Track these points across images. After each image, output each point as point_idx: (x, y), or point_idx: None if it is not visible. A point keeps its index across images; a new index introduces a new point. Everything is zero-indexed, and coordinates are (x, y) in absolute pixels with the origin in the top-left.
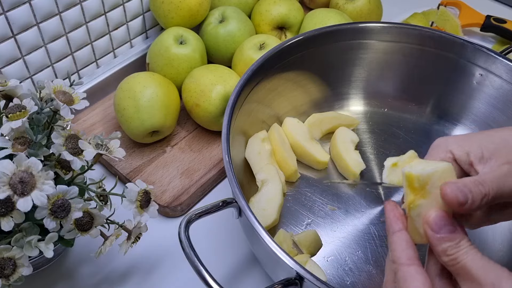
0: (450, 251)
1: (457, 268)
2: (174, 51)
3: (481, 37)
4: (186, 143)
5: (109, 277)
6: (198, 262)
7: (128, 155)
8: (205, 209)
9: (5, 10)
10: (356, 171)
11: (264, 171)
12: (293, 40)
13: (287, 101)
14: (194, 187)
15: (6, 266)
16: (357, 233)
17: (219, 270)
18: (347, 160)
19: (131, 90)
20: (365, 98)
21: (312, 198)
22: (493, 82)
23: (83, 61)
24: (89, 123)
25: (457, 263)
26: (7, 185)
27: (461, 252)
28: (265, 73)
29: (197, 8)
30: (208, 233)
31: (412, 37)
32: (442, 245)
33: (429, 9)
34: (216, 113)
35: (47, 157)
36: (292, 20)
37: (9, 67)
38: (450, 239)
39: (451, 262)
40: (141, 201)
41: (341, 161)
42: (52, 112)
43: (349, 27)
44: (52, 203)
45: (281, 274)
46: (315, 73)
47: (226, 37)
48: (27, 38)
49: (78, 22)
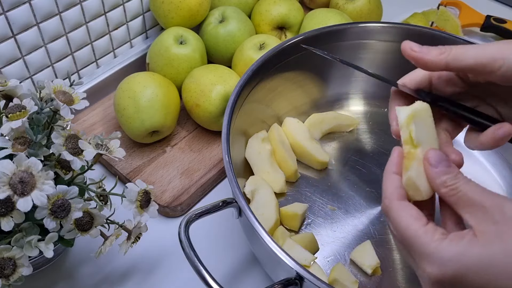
0: (449, 182)
1: (457, 197)
2: (174, 51)
3: (481, 37)
4: (186, 143)
5: (109, 277)
6: (198, 262)
7: (128, 155)
8: (205, 209)
9: (5, 10)
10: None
11: (249, 183)
12: (293, 40)
13: (287, 101)
14: (194, 187)
15: (6, 266)
16: (357, 233)
17: (219, 270)
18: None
19: (131, 90)
20: (365, 98)
21: (312, 198)
22: None
23: (83, 61)
24: (89, 123)
25: (458, 192)
26: (7, 185)
27: (460, 182)
28: (265, 73)
29: (197, 8)
30: (208, 233)
31: (412, 37)
32: (441, 177)
33: (429, 9)
34: (216, 113)
35: (47, 157)
36: (292, 20)
37: (9, 67)
38: (448, 172)
39: (451, 192)
40: (141, 201)
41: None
42: (52, 112)
43: (349, 27)
44: (52, 203)
45: (281, 274)
46: (315, 73)
47: (226, 37)
48: (27, 38)
49: (78, 22)
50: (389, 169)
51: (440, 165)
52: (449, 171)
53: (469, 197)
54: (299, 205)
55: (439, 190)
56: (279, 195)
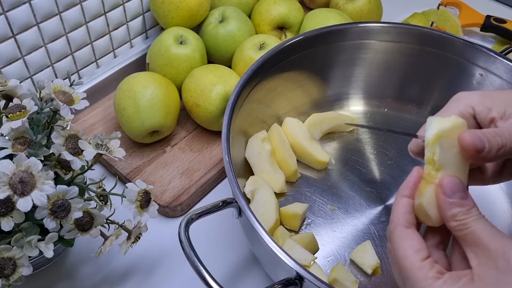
0: (460, 217)
1: (465, 233)
2: (174, 51)
3: (481, 37)
4: (186, 143)
5: (109, 277)
6: (198, 262)
7: (128, 155)
8: (205, 209)
9: (5, 10)
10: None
11: (249, 183)
12: (293, 40)
13: (287, 101)
14: (194, 187)
15: (6, 266)
16: (357, 233)
17: (219, 270)
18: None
19: (131, 90)
20: (365, 98)
21: (312, 198)
22: (493, 82)
23: (83, 61)
24: (89, 123)
25: (466, 228)
26: (7, 185)
27: (471, 218)
28: (265, 73)
29: (197, 8)
30: (208, 233)
31: (412, 37)
32: (452, 210)
33: (429, 9)
34: (216, 113)
35: (47, 157)
36: (292, 20)
37: (9, 67)
38: (461, 205)
39: (460, 227)
40: (141, 201)
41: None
42: (52, 112)
43: (349, 27)
44: (52, 203)
45: (281, 274)
46: (315, 73)
47: (226, 37)
48: (27, 38)
49: (78, 22)
50: (402, 191)
51: (454, 196)
52: (463, 204)
53: (476, 235)
54: (299, 205)
55: (448, 223)
56: (279, 195)
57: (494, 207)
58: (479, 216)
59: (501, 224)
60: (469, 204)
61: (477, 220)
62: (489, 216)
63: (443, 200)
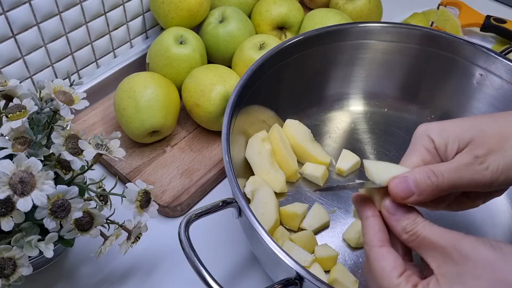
0: (409, 228)
1: (418, 241)
2: (174, 51)
3: (481, 37)
4: (186, 143)
5: (109, 277)
6: (198, 262)
7: (128, 155)
8: (205, 209)
9: (5, 10)
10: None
11: (249, 183)
12: (293, 40)
13: (287, 101)
14: (194, 187)
15: (6, 266)
16: None
17: (219, 270)
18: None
19: (131, 90)
20: (365, 98)
21: (312, 198)
22: (493, 82)
23: (83, 61)
24: (89, 123)
25: (417, 237)
26: (7, 185)
27: (418, 226)
28: (265, 73)
29: (197, 8)
30: (208, 233)
31: (412, 37)
32: (400, 224)
33: (429, 9)
34: (216, 113)
35: (47, 157)
36: (292, 20)
37: (9, 67)
38: (407, 218)
39: (411, 238)
40: (141, 201)
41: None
42: (52, 112)
43: (349, 27)
44: (52, 203)
45: (281, 274)
46: (315, 73)
47: (226, 37)
48: (27, 38)
49: (78, 22)
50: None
51: (397, 212)
52: (408, 217)
53: (427, 239)
54: (299, 205)
55: (401, 237)
56: (279, 195)
57: (494, 207)
58: (425, 223)
59: (501, 224)
60: (413, 216)
61: (424, 226)
62: (489, 216)
63: (390, 218)
